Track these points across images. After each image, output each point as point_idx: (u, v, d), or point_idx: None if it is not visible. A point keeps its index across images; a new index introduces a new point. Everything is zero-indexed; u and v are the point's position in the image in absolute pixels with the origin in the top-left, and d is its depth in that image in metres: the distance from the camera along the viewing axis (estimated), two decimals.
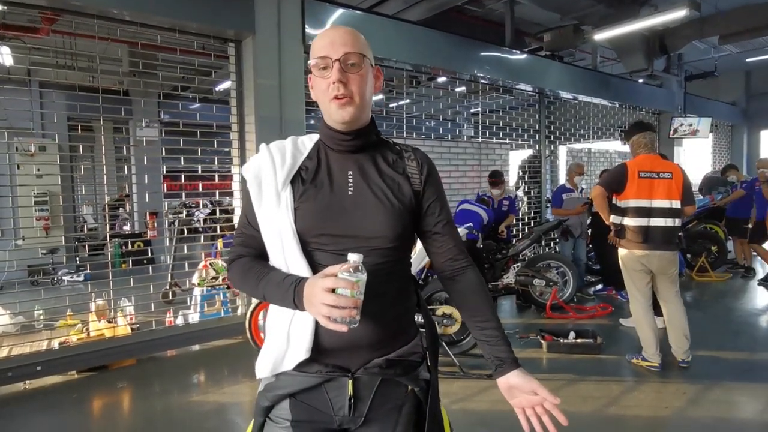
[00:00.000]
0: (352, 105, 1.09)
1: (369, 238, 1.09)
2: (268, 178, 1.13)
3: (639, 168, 3.61)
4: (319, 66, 1.09)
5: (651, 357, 3.69)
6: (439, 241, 1.22)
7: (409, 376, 1.16)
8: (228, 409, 3.26)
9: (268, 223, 1.12)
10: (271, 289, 1.08)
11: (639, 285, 3.71)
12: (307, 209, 1.10)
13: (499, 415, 3.06)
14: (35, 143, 6.92)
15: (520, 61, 6.70)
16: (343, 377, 1.10)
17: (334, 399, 1.11)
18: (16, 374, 3.52)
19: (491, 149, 7.15)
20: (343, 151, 1.16)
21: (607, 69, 9.37)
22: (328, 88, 1.09)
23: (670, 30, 7.41)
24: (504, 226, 5.76)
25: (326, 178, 1.14)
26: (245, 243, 1.19)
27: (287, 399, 1.13)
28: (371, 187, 1.13)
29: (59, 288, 6.75)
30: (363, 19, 5.02)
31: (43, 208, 6.88)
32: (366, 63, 1.11)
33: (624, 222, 3.66)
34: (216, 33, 4.28)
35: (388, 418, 1.15)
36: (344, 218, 1.09)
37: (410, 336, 1.19)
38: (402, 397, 1.16)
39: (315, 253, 1.09)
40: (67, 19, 3.92)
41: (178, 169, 5.18)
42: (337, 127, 1.14)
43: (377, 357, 1.11)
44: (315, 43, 1.12)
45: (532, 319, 5.20)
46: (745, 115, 12.25)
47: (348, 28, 1.13)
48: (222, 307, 4.82)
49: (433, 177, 1.22)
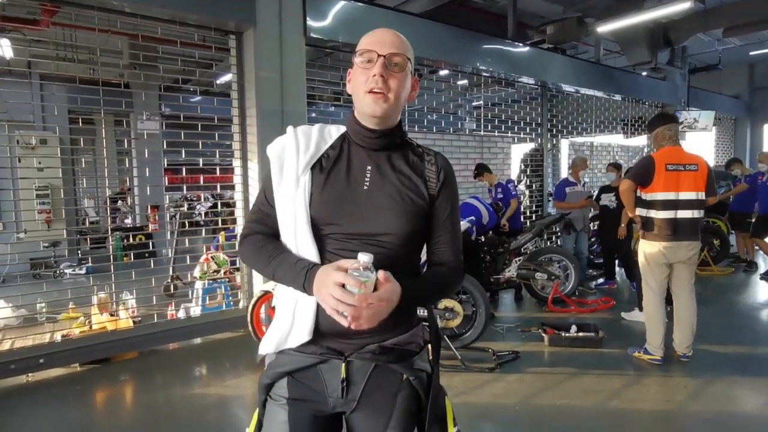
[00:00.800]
0: (387, 102, 1.12)
1: (378, 234, 1.12)
2: (290, 161, 1.17)
3: (666, 160, 3.57)
4: (365, 58, 1.13)
5: (655, 350, 3.69)
6: (438, 244, 1.24)
7: (403, 363, 1.17)
8: (230, 402, 3.27)
9: (285, 205, 1.16)
10: (283, 270, 1.13)
11: (659, 278, 3.69)
12: (321, 197, 1.13)
13: (500, 409, 3.07)
14: (36, 136, 6.90)
15: (523, 53, 6.65)
16: (336, 360, 1.14)
17: (328, 380, 1.15)
18: (19, 367, 3.53)
19: (493, 143, 7.12)
20: (366, 147, 1.19)
21: (611, 62, 9.30)
22: (367, 80, 1.12)
23: (675, 22, 7.35)
24: (507, 217, 5.74)
25: (344, 169, 1.17)
26: (260, 220, 1.23)
27: (285, 378, 1.18)
28: (387, 185, 1.16)
29: (61, 281, 6.75)
30: (364, 11, 4.98)
31: (45, 201, 6.86)
32: (408, 67, 1.16)
33: (650, 215, 3.62)
34: (217, 25, 4.26)
35: (383, 405, 1.16)
36: (356, 212, 1.13)
37: (409, 326, 1.21)
38: (397, 385, 1.18)
39: (324, 239, 1.13)
40: (67, 11, 3.89)
41: (179, 162, 5.17)
42: (366, 121, 1.17)
43: (372, 343, 1.15)
44: (364, 38, 1.16)
45: (533, 313, 5.21)
46: (748, 109, 12.19)
47: (398, 33, 1.18)
48: (224, 301, 4.83)
49: (449, 183, 1.24)
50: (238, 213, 4.67)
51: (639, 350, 3.82)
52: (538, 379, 3.48)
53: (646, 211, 3.66)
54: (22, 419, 3.05)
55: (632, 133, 9.37)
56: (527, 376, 3.53)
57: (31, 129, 7.00)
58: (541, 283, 5.26)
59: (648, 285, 3.75)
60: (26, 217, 5.85)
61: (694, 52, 9.93)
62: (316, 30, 4.60)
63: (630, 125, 9.29)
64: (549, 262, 5.43)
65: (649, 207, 3.63)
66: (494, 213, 5.40)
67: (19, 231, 5.04)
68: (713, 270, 6.80)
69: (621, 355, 3.92)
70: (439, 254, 1.24)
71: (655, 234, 3.61)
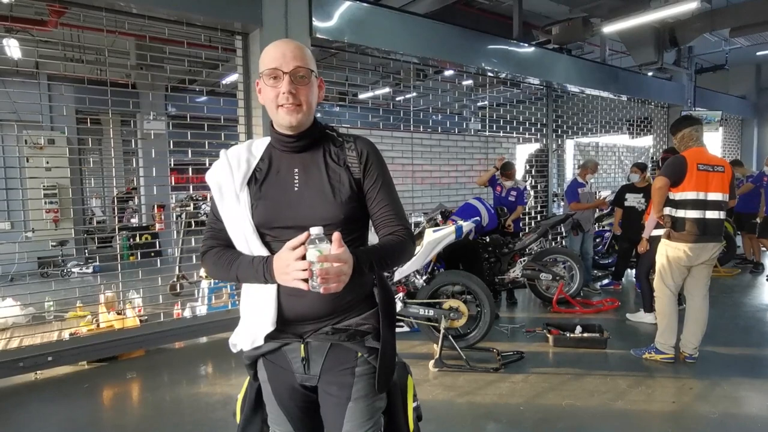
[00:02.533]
0: (300, 112, 1.25)
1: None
2: (227, 182, 1.30)
3: (697, 160, 3.58)
4: (271, 76, 1.24)
5: (668, 349, 3.72)
6: (380, 218, 1.33)
7: (355, 341, 1.30)
8: (235, 400, 3.28)
9: (231, 220, 1.30)
10: (243, 269, 1.25)
11: (677, 279, 3.72)
12: (261, 206, 1.27)
13: (505, 409, 3.07)
14: (44, 136, 6.96)
15: (528, 54, 6.64)
16: (296, 342, 1.31)
17: (292, 360, 1.33)
18: (28, 364, 3.57)
19: (498, 143, 7.10)
20: (290, 151, 1.32)
21: (616, 62, 9.28)
22: (277, 96, 1.24)
23: (681, 22, 7.32)
24: (512, 220, 5.73)
25: (275, 177, 1.31)
26: (214, 236, 1.36)
27: (260, 359, 1.38)
28: (314, 182, 1.28)
29: (69, 280, 6.81)
30: (370, 11, 5.00)
31: (53, 200, 6.93)
32: (312, 75, 1.28)
33: (679, 215, 3.62)
34: (223, 26, 4.28)
35: (344, 379, 1.31)
36: (292, 211, 1.26)
37: (364, 310, 1.33)
38: (352, 361, 1.31)
39: (272, 243, 1.27)
40: (75, 12, 3.93)
41: (185, 162, 5.20)
42: (285, 130, 1.30)
43: (327, 326, 1.29)
44: (266, 53, 1.26)
45: (538, 314, 5.20)
46: (755, 109, 12.11)
47: (297, 43, 1.27)
48: (229, 300, 4.85)
49: (373, 163, 1.32)
50: None
51: (649, 351, 3.81)
52: (543, 380, 3.48)
53: (675, 210, 3.65)
54: (31, 416, 3.09)
55: (638, 134, 9.34)
56: (532, 377, 3.53)
57: (40, 129, 7.05)
58: (545, 284, 5.26)
59: (665, 285, 3.75)
60: (34, 216, 5.92)
61: (701, 52, 9.88)
62: (322, 30, 4.61)
63: (636, 126, 9.25)
64: (554, 262, 5.42)
65: (678, 206, 3.63)
66: (495, 215, 5.39)
67: (28, 230, 5.10)
68: (720, 271, 6.76)
69: (626, 355, 3.91)
70: (383, 227, 1.33)
71: (684, 234, 3.60)
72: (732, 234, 7.22)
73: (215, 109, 4.76)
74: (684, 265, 3.67)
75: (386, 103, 7.45)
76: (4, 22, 5.00)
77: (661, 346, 3.76)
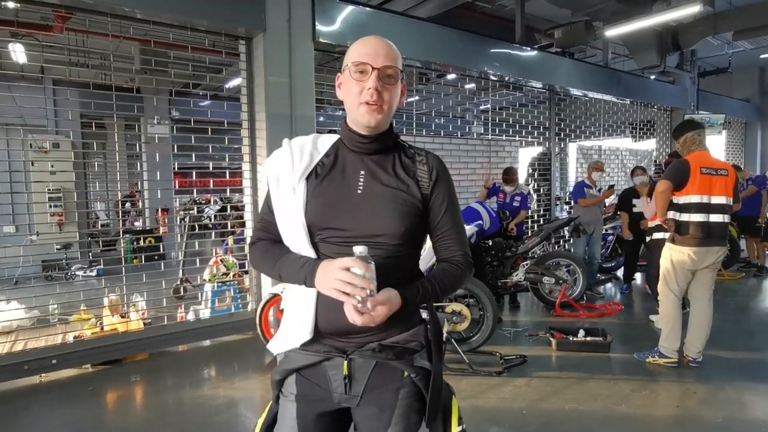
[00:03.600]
0: (381, 113, 1.17)
1: (374, 236, 1.16)
2: (286, 172, 1.22)
3: (700, 164, 3.57)
4: (358, 69, 1.16)
5: (672, 353, 3.70)
6: (441, 240, 1.29)
7: (402, 361, 1.20)
8: (238, 403, 3.29)
9: (283, 214, 1.22)
10: (287, 268, 1.19)
11: (682, 283, 3.70)
12: (316, 203, 1.19)
13: (508, 412, 3.07)
14: (49, 140, 7.00)
15: (531, 57, 6.66)
16: (339, 357, 1.20)
17: (332, 377, 1.21)
18: (33, 367, 3.59)
19: (501, 146, 7.12)
20: (359, 152, 1.24)
21: (619, 65, 9.27)
22: (361, 92, 1.16)
23: (684, 26, 7.32)
24: (515, 224, 5.73)
25: (339, 175, 1.22)
26: (265, 228, 1.29)
27: (294, 374, 1.25)
28: (380, 188, 1.20)
29: (73, 283, 6.84)
30: (372, 16, 5.02)
31: (57, 204, 6.95)
32: (400, 77, 1.20)
33: (683, 218, 3.61)
34: (227, 30, 4.31)
35: (386, 400, 1.20)
36: (350, 215, 1.17)
37: (411, 325, 1.25)
38: (398, 381, 1.21)
39: (321, 244, 1.19)
40: (80, 17, 3.97)
41: (188, 165, 5.23)
42: (360, 129, 1.21)
43: (372, 341, 1.19)
44: (356, 47, 1.19)
45: (541, 317, 5.19)
46: (758, 112, 12.07)
47: (390, 42, 1.20)
48: (232, 303, 4.87)
49: (442, 181, 1.27)
50: (247, 216, 4.71)
51: (652, 355, 3.80)
52: (546, 384, 3.47)
53: (678, 214, 3.64)
54: (36, 419, 3.10)
55: (641, 137, 9.32)
56: (535, 381, 3.52)
57: (45, 133, 7.10)
58: (548, 287, 5.25)
59: (670, 289, 3.74)
60: (39, 219, 5.95)
61: (704, 56, 9.87)
62: (325, 35, 4.64)
63: (638, 129, 9.24)
64: (556, 266, 5.42)
65: (682, 210, 3.62)
66: (497, 219, 5.39)
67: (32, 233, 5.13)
68: (724, 275, 6.73)
69: (629, 359, 3.90)
70: (443, 250, 1.29)
71: (688, 238, 3.59)
72: (736, 238, 7.20)
73: (219, 113, 4.79)
74: (688, 269, 3.65)
75: None
76: (9, 27, 5.05)
77: (664, 350, 3.75)
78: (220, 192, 11.90)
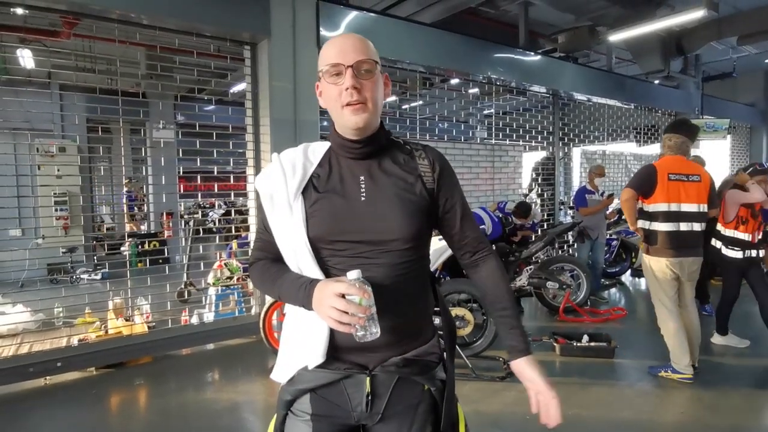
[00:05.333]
0: (366, 111, 1.11)
1: (384, 241, 1.12)
2: (279, 190, 1.15)
3: (668, 170, 3.44)
4: (331, 73, 1.10)
5: (685, 369, 3.49)
6: (459, 236, 1.25)
7: (425, 375, 1.18)
8: (242, 407, 3.30)
9: (281, 233, 1.16)
10: (286, 288, 1.13)
11: (670, 294, 3.50)
12: (320, 217, 1.12)
13: (511, 417, 3.06)
14: (55, 144, 7.07)
15: (534, 62, 6.67)
16: (360, 374, 1.13)
17: (352, 395, 1.14)
18: (37, 370, 3.61)
19: (504, 151, 7.12)
20: (355, 158, 1.18)
21: (623, 70, 9.26)
22: (341, 94, 1.10)
23: (688, 30, 7.32)
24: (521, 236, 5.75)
25: (338, 185, 1.15)
26: (263, 248, 1.24)
27: (308, 394, 1.17)
28: (383, 192, 1.14)
29: (78, 286, 6.88)
30: (376, 21, 5.05)
31: (63, 207, 7.02)
32: (377, 69, 1.13)
33: (652, 227, 3.50)
34: (232, 36, 4.34)
35: (405, 416, 1.17)
36: (358, 224, 1.11)
37: (428, 336, 1.22)
38: (418, 396, 1.18)
39: (330, 259, 1.12)
40: (87, 22, 4.01)
41: (193, 170, 5.26)
42: (349, 134, 1.15)
43: (395, 356, 1.14)
44: (325, 50, 1.13)
45: (545, 322, 5.18)
46: (764, 117, 12.01)
47: (358, 36, 1.14)
48: (236, 307, 4.88)
49: (447, 173, 1.22)
50: (251, 220, 4.73)
51: (665, 370, 3.61)
52: None
53: (648, 223, 3.51)
54: (40, 421, 3.11)
55: (645, 142, 9.31)
56: None
57: (51, 137, 7.17)
58: (552, 292, 5.23)
59: (662, 303, 3.56)
60: (45, 223, 6.00)
61: (708, 60, 9.85)
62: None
63: (643, 133, 9.23)
64: (560, 271, 5.40)
65: (652, 219, 3.49)
66: (499, 224, 5.39)
67: (38, 237, 5.17)
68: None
69: (634, 365, 3.88)
70: (466, 245, 1.26)
71: (659, 248, 3.47)
72: None
73: (223, 118, 4.82)
74: (671, 278, 3.49)
75: (392, 111, 7.48)
76: (18, 32, 5.11)
77: (676, 366, 3.55)
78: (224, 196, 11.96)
